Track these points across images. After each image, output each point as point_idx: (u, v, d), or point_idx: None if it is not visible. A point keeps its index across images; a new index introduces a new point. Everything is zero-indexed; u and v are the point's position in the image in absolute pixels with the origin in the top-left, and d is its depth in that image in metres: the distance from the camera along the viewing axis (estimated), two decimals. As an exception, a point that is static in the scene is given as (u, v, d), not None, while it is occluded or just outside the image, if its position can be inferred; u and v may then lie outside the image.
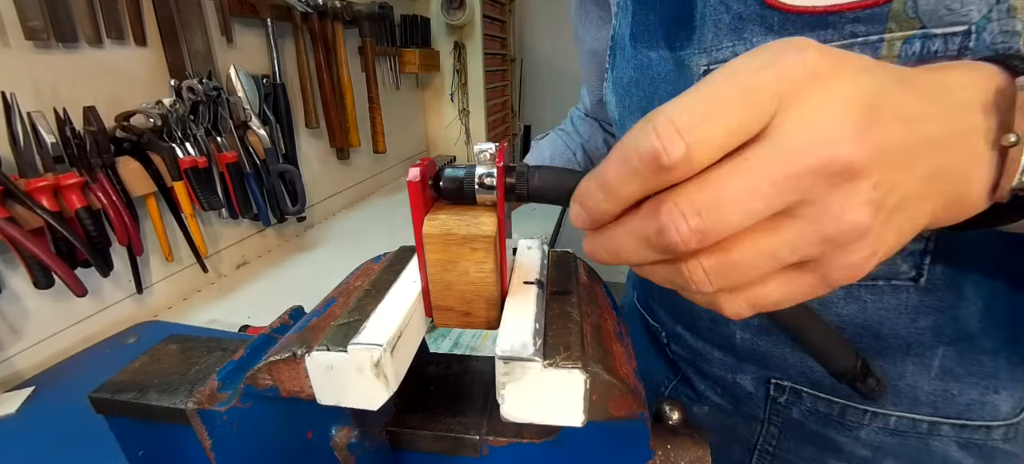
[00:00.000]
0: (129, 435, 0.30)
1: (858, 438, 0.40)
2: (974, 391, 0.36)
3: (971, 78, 0.20)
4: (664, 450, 0.26)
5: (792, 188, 0.17)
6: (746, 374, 0.44)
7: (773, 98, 0.17)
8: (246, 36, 0.99)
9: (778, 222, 0.17)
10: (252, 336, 0.31)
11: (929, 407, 0.37)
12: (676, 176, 0.17)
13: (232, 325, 0.78)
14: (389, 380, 0.23)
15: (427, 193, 0.24)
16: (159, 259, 0.83)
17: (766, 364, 0.42)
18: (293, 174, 1.01)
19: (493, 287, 0.25)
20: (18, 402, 0.58)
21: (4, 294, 0.64)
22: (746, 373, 0.44)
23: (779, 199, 0.17)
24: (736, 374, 0.45)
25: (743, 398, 0.45)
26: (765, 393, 0.43)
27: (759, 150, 0.17)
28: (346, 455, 0.27)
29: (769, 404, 0.44)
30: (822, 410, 0.41)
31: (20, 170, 0.62)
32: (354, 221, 1.28)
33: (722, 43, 0.34)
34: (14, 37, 0.63)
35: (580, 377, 0.21)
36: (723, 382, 0.47)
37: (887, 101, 0.17)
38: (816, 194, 0.17)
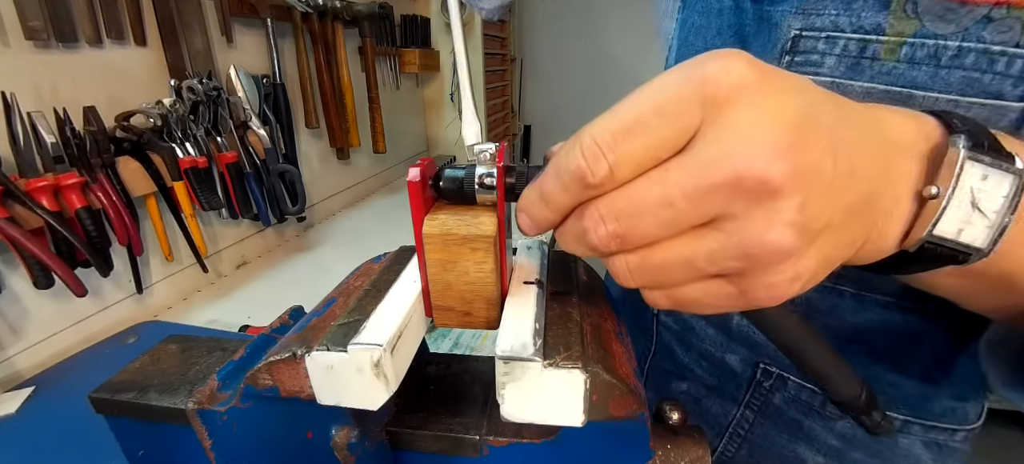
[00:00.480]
0: (129, 435, 0.30)
1: (833, 429, 0.41)
2: (949, 399, 0.38)
3: (910, 125, 0.20)
4: (664, 450, 0.26)
5: (706, 200, 0.17)
6: (736, 354, 0.45)
7: (696, 112, 0.17)
8: (246, 36, 0.99)
9: (701, 232, 0.18)
10: (252, 336, 0.31)
11: (907, 408, 0.38)
12: (603, 190, 0.18)
13: (232, 325, 0.78)
14: (389, 380, 0.23)
15: (427, 193, 0.24)
16: (159, 259, 0.83)
17: (757, 349, 0.43)
18: (293, 174, 1.01)
19: (493, 287, 0.25)
20: (18, 402, 0.58)
21: (4, 294, 0.64)
22: (736, 353, 0.45)
23: (693, 211, 0.17)
24: (726, 353, 0.46)
25: (729, 376, 0.46)
26: (752, 375, 0.44)
27: (676, 162, 0.17)
28: (346, 455, 0.27)
29: (753, 387, 0.44)
30: (804, 398, 0.42)
31: (20, 170, 0.62)
32: (354, 221, 1.28)
33: (825, 7, 0.30)
34: (14, 37, 0.63)
35: (580, 377, 0.21)
36: (711, 357, 0.47)
37: (818, 125, 0.17)
38: (738, 209, 0.17)
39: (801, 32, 0.31)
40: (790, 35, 0.32)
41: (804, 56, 0.32)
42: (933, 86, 0.27)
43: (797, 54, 0.32)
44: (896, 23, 0.28)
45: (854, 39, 0.29)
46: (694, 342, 0.49)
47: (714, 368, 0.47)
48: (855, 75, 0.30)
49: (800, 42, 0.31)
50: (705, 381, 0.49)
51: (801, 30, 0.31)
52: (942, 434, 0.39)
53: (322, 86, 1.17)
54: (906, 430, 0.39)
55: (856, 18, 0.29)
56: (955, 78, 0.26)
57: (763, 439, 0.46)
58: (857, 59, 0.30)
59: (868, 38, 0.29)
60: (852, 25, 0.29)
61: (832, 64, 0.31)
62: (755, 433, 0.46)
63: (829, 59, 0.31)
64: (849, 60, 0.30)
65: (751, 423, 0.46)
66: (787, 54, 0.32)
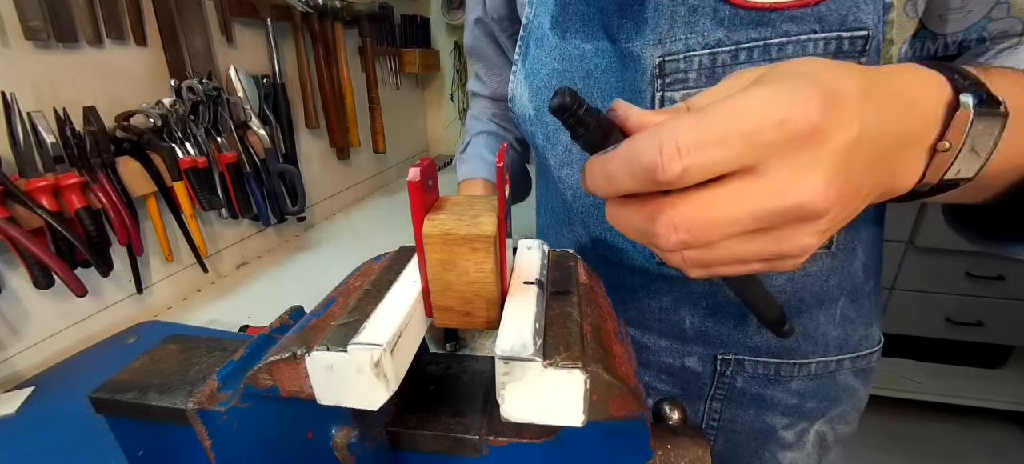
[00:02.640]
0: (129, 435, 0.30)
1: (789, 389, 0.48)
2: (862, 329, 0.46)
3: (931, 89, 0.23)
4: (664, 450, 0.26)
5: (767, 220, 0.20)
6: (693, 356, 0.49)
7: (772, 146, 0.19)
8: (246, 36, 0.99)
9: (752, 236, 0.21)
10: (252, 336, 0.31)
11: (836, 348, 0.46)
12: (668, 187, 0.20)
13: (232, 325, 0.78)
14: (389, 380, 0.23)
15: (427, 193, 0.24)
16: (159, 259, 0.83)
17: (712, 343, 0.48)
18: (293, 174, 1.01)
19: (493, 287, 0.25)
20: (18, 402, 0.58)
21: (4, 294, 0.64)
22: (693, 355, 0.49)
23: (755, 226, 0.20)
24: (684, 358, 0.49)
25: (691, 379, 0.50)
26: (713, 369, 0.49)
27: (749, 185, 0.19)
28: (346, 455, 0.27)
29: (716, 379, 0.49)
30: (761, 372, 0.47)
31: (20, 170, 0.62)
32: (354, 221, 1.28)
33: (676, 35, 0.37)
34: (14, 37, 0.63)
35: (580, 377, 0.21)
36: (671, 369, 0.51)
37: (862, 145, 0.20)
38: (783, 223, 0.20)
39: (664, 58, 0.37)
40: (655, 62, 0.37)
41: (672, 76, 0.37)
42: None
43: (666, 76, 0.37)
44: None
45: (705, 54, 0.36)
46: (652, 359, 0.51)
47: (675, 376, 0.51)
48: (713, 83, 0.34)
49: (665, 66, 0.37)
50: (669, 393, 0.52)
51: (663, 57, 0.37)
52: (862, 361, 0.48)
53: (322, 86, 1.17)
54: (840, 367, 0.47)
55: (701, 38, 0.36)
56: None
57: (734, 423, 0.50)
58: (711, 70, 0.36)
59: (716, 51, 0.36)
60: (700, 44, 0.36)
61: (694, 77, 0.37)
62: (726, 420, 0.50)
63: (691, 74, 0.37)
64: (706, 71, 0.36)
65: (720, 412, 0.50)
66: (657, 78, 0.38)
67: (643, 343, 0.51)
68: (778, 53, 0.34)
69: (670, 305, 0.47)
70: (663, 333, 0.49)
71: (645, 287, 0.47)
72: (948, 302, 1.63)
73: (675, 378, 0.51)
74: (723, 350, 0.48)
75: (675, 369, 0.50)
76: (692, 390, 0.50)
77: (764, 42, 0.34)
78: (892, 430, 1.76)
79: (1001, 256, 0.34)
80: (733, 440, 0.51)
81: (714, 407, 0.50)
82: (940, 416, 1.77)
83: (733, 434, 0.50)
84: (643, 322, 0.50)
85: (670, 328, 0.48)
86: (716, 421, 0.51)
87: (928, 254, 1.57)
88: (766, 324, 0.34)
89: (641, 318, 0.50)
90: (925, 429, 1.76)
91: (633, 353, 0.27)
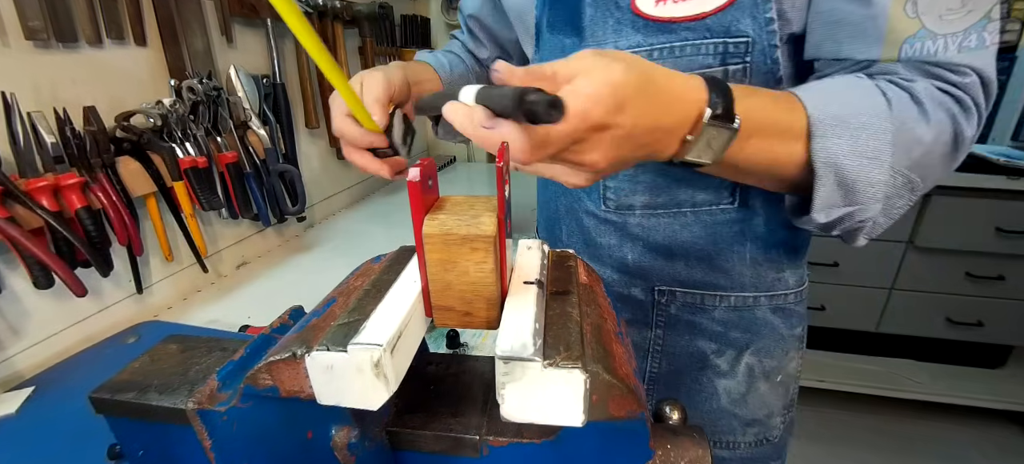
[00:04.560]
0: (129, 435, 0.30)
1: (714, 318, 0.57)
2: (772, 272, 0.55)
3: (692, 96, 0.34)
4: (664, 450, 0.26)
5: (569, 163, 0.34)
6: (637, 287, 0.59)
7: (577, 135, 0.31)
8: (246, 36, 0.99)
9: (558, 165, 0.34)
10: (252, 336, 0.31)
11: (751, 288, 0.55)
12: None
13: (232, 325, 0.78)
14: (389, 380, 0.23)
15: (427, 193, 0.24)
16: (159, 259, 0.83)
17: (649, 277, 0.57)
18: (293, 174, 1.01)
19: (493, 287, 0.25)
20: (18, 402, 0.58)
21: (4, 294, 0.64)
22: (637, 286, 0.59)
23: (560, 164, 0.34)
24: (630, 288, 0.59)
25: (637, 307, 0.60)
26: (652, 299, 0.58)
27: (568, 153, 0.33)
28: (346, 455, 0.27)
29: (655, 308, 0.59)
30: (689, 301, 0.57)
31: (20, 170, 0.62)
32: (354, 221, 1.28)
33: (607, 38, 0.48)
34: (14, 37, 0.63)
35: (580, 377, 0.21)
36: (622, 298, 0.60)
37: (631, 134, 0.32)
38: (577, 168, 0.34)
39: None
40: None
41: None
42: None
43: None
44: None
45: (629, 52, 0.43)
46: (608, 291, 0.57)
47: (626, 305, 0.60)
48: None
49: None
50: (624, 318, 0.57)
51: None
52: (778, 299, 0.56)
53: (322, 86, 1.17)
54: (757, 303, 0.56)
55: (625, 40, 0.47)
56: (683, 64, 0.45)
57: (672, 347, 0.59)
58: None
59: (637, 50, 0.46)
60: (627, 45, 0.47)
61: None
62: (667, 345, 0.60)
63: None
64: None
65: (662, 339, 0.60)
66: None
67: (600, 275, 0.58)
68: (680, 53, 0.45)
69: (615, 242, 0.58)
70: (613, 267, 0.59)
71: (597, 227, 0.59)
72: (948, 302, 1.63)
73: (626, 306, 0.60)
74: (658, 282, 0.57)
75: (625, 298, 0.60)
76: (638, 317, 0.60)
77: (670, 45, 0.45)
78: (892, 430, 1.76)
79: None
80: (674, 363, 0.60)
81: (657, 334, 0.60)
82: (940, 416, 1.77)
83: (674, 357, 0.60)
84: (599, 257, 0.60)
85: (617, 263, 0.59)
86: (660, 346, 0.60)
87: (928, 254, 1.57)
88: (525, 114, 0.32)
89: (597, 254, 0.60)
90: (925, 429, 1.76)
91: (633, 353, 0.27)
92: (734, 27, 0.42)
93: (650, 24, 0.45)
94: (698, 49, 0.44)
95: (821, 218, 0.40)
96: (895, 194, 0.39)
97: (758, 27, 0.42)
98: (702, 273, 0.55)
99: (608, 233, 0.58)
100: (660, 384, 0.62)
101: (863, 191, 0.38)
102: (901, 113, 0.37)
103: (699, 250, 0.54)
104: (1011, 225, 1.45)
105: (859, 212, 0.39)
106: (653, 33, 0.45)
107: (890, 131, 0.36)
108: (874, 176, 0.37)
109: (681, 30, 0.44)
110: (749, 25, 0.42)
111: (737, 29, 0.42)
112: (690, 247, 0.54)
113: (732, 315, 0.56)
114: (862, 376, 1.75)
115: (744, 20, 0.42)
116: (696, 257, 0.55)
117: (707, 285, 0.56)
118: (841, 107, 0.37)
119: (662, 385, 0.62)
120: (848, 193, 0.38)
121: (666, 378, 0.61)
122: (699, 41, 0.44)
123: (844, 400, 1.77)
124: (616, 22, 0.47)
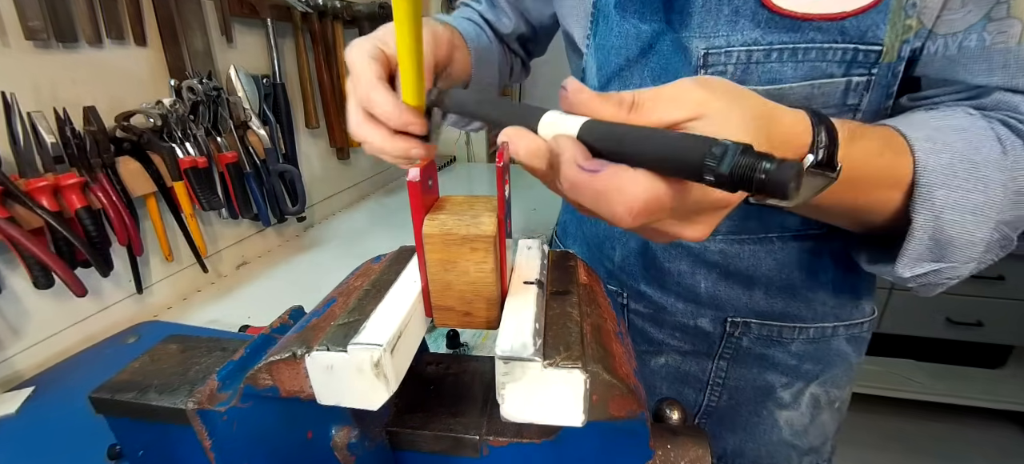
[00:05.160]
0: (129, 435, 0.30)
1: (789, 351, 0.53)
2: (850, 300, 0.52)
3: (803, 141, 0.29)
4: (664, 450, 0.26)
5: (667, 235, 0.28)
6: (705, 317, 0.54)
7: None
8: (246, 36, 0.99)
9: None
10: (252, 336, 0.31)
11: (832, 316, 0.52)
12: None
13: (232, 325, 0.78)
14: (389, 380, 0.23)
15: (427, 193, 0.24)
16: (159, 259, 0.83)
17: (722, 307, 0.53)
18: (293, 174, 1.00)
19: (493, 287, 0.25)
20: (18, 402, 0.58)
21: (4, 294, 0.64)
22: (705, 316, 0.54)
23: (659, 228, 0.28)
24: (697, 319, 0.54)
25: (702, 337, 0.55)
26: (722, 331, 0.54)
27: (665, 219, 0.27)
28: (346, 455, 0.27)
29: (724, 339, 0.54)
30: (765, 334, 0.53)
31: (20, 170, 0.62)
32: (354, 221, 1.28)
33: (720, 31, 0.40)
34: (14, 37, 0.63)
35: (580, 377, 0.21)
36: (684, 328, 0.56)
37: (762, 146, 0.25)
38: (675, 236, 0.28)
39: (708, 51, 0.41)
40: (700, 53, 0.41)
41: (713, 68, 0.42)
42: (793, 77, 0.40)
43: (708, 68, 0.42)
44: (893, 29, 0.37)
45: (743, 50, 0.40)
46: (667, 319, 0.56)
47: (688, 335, 0.56)
48: (747, 76, 0.40)
49: (709, 58, 0.41)
50: (681, 349, 0.57)
51: (707, 49, 0.41)
52: (854, 329, 0.53)
53: (322, 86, 1.17)
54: (835, 333, 0.52)
55: (739, 36, 0.40)
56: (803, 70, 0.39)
57: (738, 380, 0.55)
58: (746, 65, 0.40)
59: (752, 49, 0.40)
60: (739, 41, 0.40)
61: (731, 70, 0.41)
62: (730, 378, 0.55)
63: (729, 67, 0.41)
64: (742, 65, 0.41)
65: (726, 371, 0.55)
66: (701, 68, 0.42)
67: (661, 304, 0.56)
68: (803, 57, 0.38)
69: (687, 269, 0.53)
70: (680, 295, 0.54)
71: (666, 252, 0.53)
72: (948, 302, 1.63)
73: (688, 336, 0.56)
74: (733, 313, 0.53)
75: (689, 328, 0.55)
76: (701, 348, 0.56)
77: (792, 46, 0.38)
78: (892, 430, 1.76)
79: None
80: (735, 396, 0.56)
81: (721, 366, 0.55)
82: (940, 416, 1.77)
83: (736, 391, 0.55)
84: (663, 284, 0.55)
85: (686, 291, 0.53)
86: (721, 379, 0.56)
87: (928, 254, 1.57)
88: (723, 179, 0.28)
89: (661, 280, 0.55)
90: (925, 429, 1.76)
91: (633, 353, 0.27)
92: (871, 33, 0.36)
93: (775, 18, 0.38)
94: (824, 54, 0.38)
95: (905, 272, 0.35)
96: (990, 250, 0.34)
97: (894, 35, 0.36)
98: (783, 304, 0.51)
99: (679, 258, 0.52)
100: (715, 418, 0.58)
101: (960, 250, 0.33)
102: (1015, 163, 0.33)
103: (782, 279, 0.50)
104: (1011, 225, 1.45)
105: (949, 271, 0.35)
106: (776, 30, 0.38)
107: (1001, 184, 0.32)
108: (976, 235, 0.33)
109: (809, 29, 0.38)
110: (886, 32, 0.36)
111: (873, 35, 0.37)
112: (774, 276, 0.50)
113: (809, 347, 0.52)
114: (862, 376, 1.74)
115: (882, 26, 0.36)
116: (777, 286, 0.50)
117: (787, 316, 0.51)
118: (953, 154, 0.33)
119: (717, 419, 0.58)
120: (942, 249, 0.34)
121: (723, 411, 0.57)
122: (828, 45, 0.38)
123: (844, 400, 1.77)
124: (733, 12, 0.39)
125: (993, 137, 0.34)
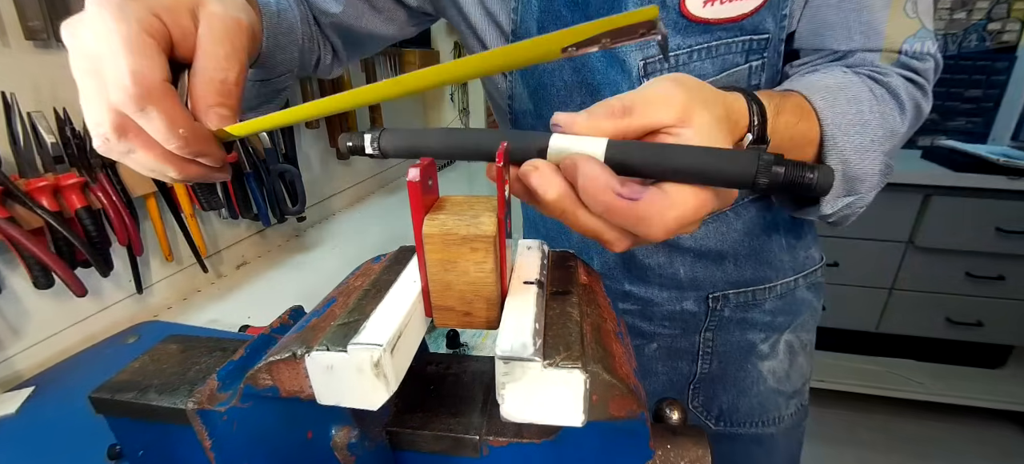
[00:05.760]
0: (129, 435, 0.30)
1: (764, 309, 0.59)
2: (803, 251, 0.59)
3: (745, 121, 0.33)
4: (664, 450, 0.26)
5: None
6: (689, 300, 0.59)
7: None
8: (246, 36, 0.99)
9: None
10: (252, 336, 0.31)
11: (791, 271, 0.58)
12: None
13: (232, 325, 0.78)
14: (389, 380, 0.23)
15: (427, 193, 0.24)
16: (159, 259, 0.83)
17: (702, 286, 0.58)
18: (293, 174, 1.01)
19: (493, 287, 0.25)
20: (18, 402, 0.58)
21: (4, 294, 0.64)
22: (689, 299, 0.59)
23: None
24: (682, 303, 0.59)
25: (689, 319, 0.60)
26: (706, 308, 0.59)
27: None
28: (346, 455, 0.27)
29: (709, 315, 0.59)
30: (742, 300, 0.58)
31: (20, 170, 0.62)
32: (354, 221, 1.28)
33: (651, 42, 0.46)
34: (14, 37, 0.63)
35: (580, 377, 0.21)
36: (672, 315, 0.60)
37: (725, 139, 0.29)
38: None
39: (645, 61, 0.47)
40: (639, 64, 0.47)
41: (652, 75, 0.47)
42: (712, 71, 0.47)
43: (647, 75, 0.48)
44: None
45: (672, 55, 0.46)
46: (655, 311, 0.60)
47: (676, 320, 0.60)
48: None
49: (647, 67, 0.47)
50: (671, 333, 0.61)
51: (644, 60, 0.47)
52: (811, 276, 0.60)
53: (322, 86, 1.17)
54: (797, 285, 0.59)
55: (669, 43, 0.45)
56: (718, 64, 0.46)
57: (723, 345, 0.60)
58: (675, 67, 0.47)
59: (678, 52, 0.46)
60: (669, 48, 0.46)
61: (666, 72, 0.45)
62: (717, 345, 0.60)
63: (665, 69, 0.47)
64: (672, 68, 0.46)
65: (713, 340, 0.60)
66: (642, 76, 0.47)
67: (648, 298, 0.60)
68: (716, 53, 0.46)
69: (665, 260, 0.57)
70: (663, 285, 0.59)
71: (644, 249, 0.57)
72: (948, 302, 1.63)
73: (676, 322, 0.60)
74: (712, 289, 0.58)
75: (676, 314, 0.60)
76: (690, 326, 0.61)
77: (707, 45, 0.46)
78: (892, 430, 1.76)
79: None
80: (724, 360, 0.61)
81: (707, 337, 0.60)
82: (940, 416, 1.77)
83: (723, 355, 0.61)
84: (646, 279, 0.59)
85: (668, 280, 0.58)
86: (710, 348, 0.61)
87: (928, 254, 1.57)
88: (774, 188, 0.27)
89: (644, 276, 0.59)
90: (925, 429, 1.76)
91: (633, 353, 0.27)
92: (761, 25, 0.45)
93: (691, 25, 0.45)
94: (730, 48, 0.46)
95: (827, 210, 0.43)
96: (884, 176, 0.43)
97: (775, 24, 0.45)
98: (751, 270, 0.57)
99: (657, 252, 0.57)
100: (706, 382, 0.63)
101: (863, 181, 0.41)
102: (883, 107, 0.41)
103: (747, 248, 0.56)
104: (1011, 225, 1.45)
105: (858, 201, 0.43)
106: (693, 34, 0.45)
107: (879, 124, 0.41)
108: (874, 167, 0.41)
109: (717, 30, 0.45)
110: (771, 23, 0.45)
111: (763, 27, 0.45)
112: (739, 247, 0.56)
113: (779, 303, 0.59)
114: (862, 376, 1.75)
115: (768, 19, 0.45)
116: (744, 255, 0.56)
117: (757, 280, 0.57)
118: (845, 106, 0.40)
119: (710, 383, 0.63)
120: (851, 183, 0.41)
121: (714, 375, 0.62)
122: (731, 40, 0.45)
123: (844, 400, 1.77)
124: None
125: (866, 88, 0.42)
